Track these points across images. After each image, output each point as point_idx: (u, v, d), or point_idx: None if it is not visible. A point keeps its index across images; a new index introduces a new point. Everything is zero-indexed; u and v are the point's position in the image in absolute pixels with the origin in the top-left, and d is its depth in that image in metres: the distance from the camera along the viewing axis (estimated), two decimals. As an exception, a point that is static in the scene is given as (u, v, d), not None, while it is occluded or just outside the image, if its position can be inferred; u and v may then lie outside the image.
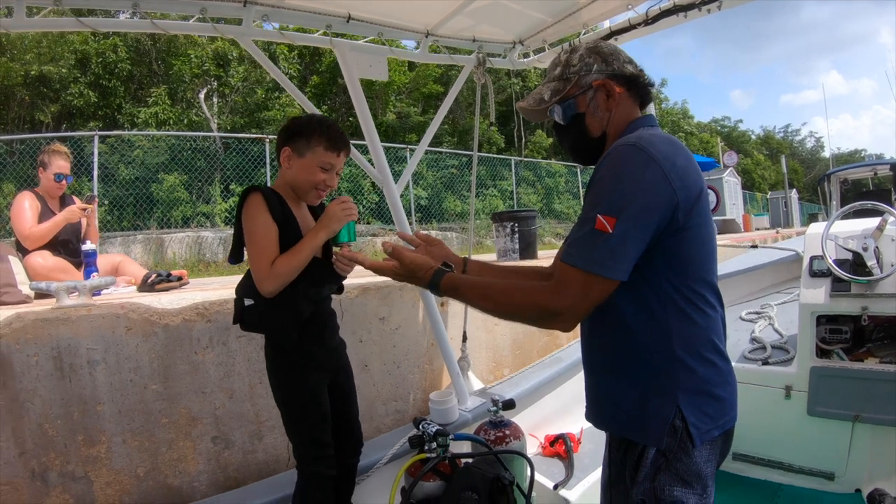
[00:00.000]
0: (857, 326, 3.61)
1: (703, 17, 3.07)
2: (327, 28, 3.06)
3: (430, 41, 3.46)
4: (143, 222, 11.10)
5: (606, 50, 1.65)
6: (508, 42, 3.77)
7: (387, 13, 3.18)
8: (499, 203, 16.71)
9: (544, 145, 22.22)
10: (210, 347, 3.01)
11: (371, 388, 3.63)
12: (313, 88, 18.42)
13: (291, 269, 2.07)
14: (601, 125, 1.65)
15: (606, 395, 1.66)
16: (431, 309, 3.53)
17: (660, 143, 1.45)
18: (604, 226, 1.38)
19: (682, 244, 1.47)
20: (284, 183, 2.23)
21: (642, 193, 1.40)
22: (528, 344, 4.76)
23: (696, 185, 1.47)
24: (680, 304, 1.50)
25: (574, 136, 1.70)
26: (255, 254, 2.08)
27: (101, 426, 2.76)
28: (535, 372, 4.08)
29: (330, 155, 2.17)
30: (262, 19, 2.83)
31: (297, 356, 2.25)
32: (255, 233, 2.09)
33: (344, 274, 2.29)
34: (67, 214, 4.17)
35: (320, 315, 2.34)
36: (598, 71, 1.62)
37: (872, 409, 3.31)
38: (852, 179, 9.15)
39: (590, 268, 1.40)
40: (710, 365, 1.52)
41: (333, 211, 2.16)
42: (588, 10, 3.34)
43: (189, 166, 11.99)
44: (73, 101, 14.58)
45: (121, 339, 2.81)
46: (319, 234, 2.14)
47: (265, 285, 2.05)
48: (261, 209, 2.09)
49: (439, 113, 3.73)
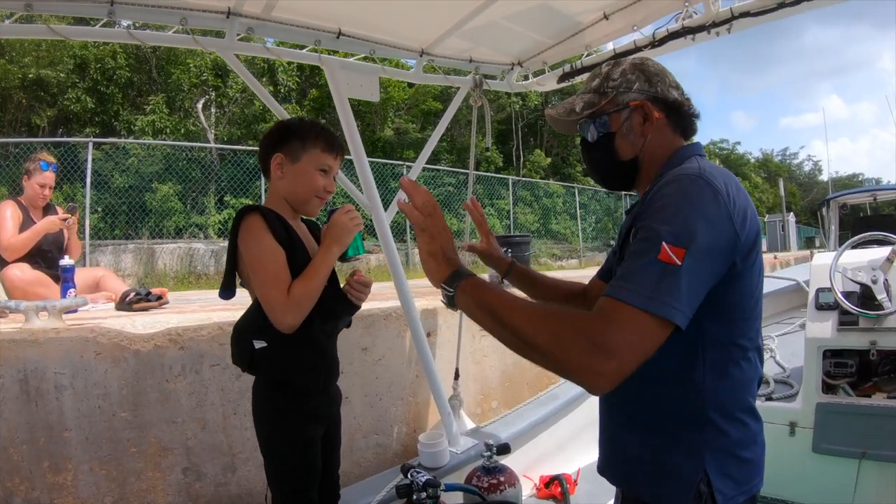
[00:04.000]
0: (862, 360, 3.49)
1: (709, 41, 2.97)
2: (316, 44, 2.90)
3: (424, 60, 3.32)
4: (134, 231, 10.96)
5: (653, 69, 1.50)
6: (507, 63, 3.65)
7: (380, 30, 3.03)
8: (496, 222, 16.59)
9: (542, 165, 22.18)
10: (182, 375, 2.89)
11: (352, 420, 3.51)
12: (312, 102, 18.37)
13: (311, 294, 1.80)
14: (633, 149, 1.48)
15: (624, 451, 1.48)
16: (419, 339, 3.33)
17: (721, 178, 1.28)
18: (670, 257, 1.15)
19: (734, 292, 1.30)
20: (279, 197, 1.96)
21: (711, 229, 1.20)
22: (518, 376, 4.65)
23: (755, 226, 1.31)
24: (721, 359, 1.33)
25: (600, 156, 1.54)
26: (265, 283, 1.79)
27: (68, 453, 2.67)
28: (530, 410, 3.91)
29: (328, 156, 1.94)
30: (246, 32, 2.67)
31: (298, 404, 1.95)
32: (261, 259, 1.80)
33: (358, 303, 2.03)
34: (47, 224, 4.07)
35: (334, 357, 2.09)
36: (639, 90, 1.47)
37: (880, 445, 3.17)
38: (851, 204, 9.07)
39: (652, 307, 1.12)
40: (741, 425, 1.36)
41: (341, 222, 1.92)
42: (591, 32, 3.22)
43: (184, 176, 11.85)
44: (69, 105, 14.48)
45: (89, 364, 2.71)
46: (332, 249, 1.89)
47: (286, 318, 1.75)
48: (263, 232, 1.80)
49: (436, 133, 3.61)
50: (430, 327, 4.11)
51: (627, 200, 21.84)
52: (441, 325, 4.20)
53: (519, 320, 1.20)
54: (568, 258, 18.21)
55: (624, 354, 1.11)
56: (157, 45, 15.49)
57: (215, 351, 2.98)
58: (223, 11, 2.53)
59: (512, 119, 21.83)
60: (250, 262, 1.81)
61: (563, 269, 16.08)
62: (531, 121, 23.68)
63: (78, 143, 10.65)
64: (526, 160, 22.54)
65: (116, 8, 2.28)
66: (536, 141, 24.25)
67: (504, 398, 4.49)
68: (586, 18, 3.16)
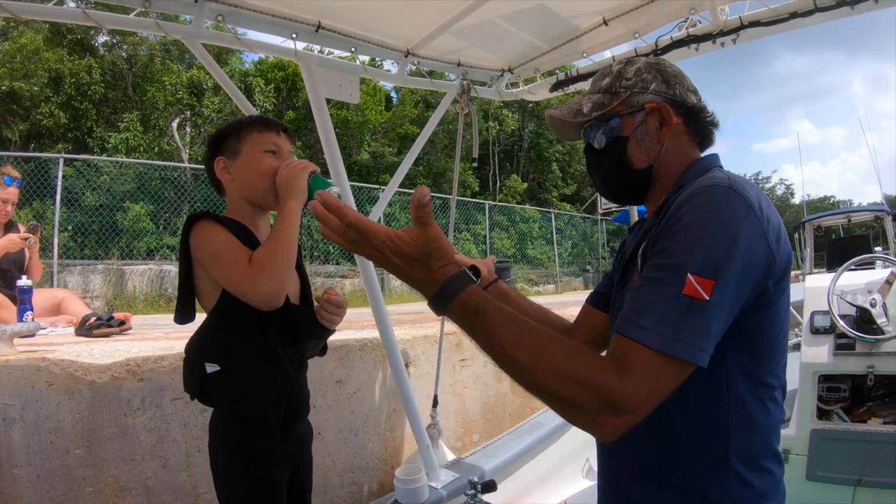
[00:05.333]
0: (855, 384, 3.46)
1: (687, 68, 2.86)
2: (293, 37, 2.65)
3: (410, 62, 3.12)
4: (104, 252, 10.69)
5: (671, 70, 1.35)
6: (497, 69, 3.47)
7: (363, 25, 2.81)
8: (472, 247, 16.60)
9: (519, 190, 22.37)
10: (141, 410, 2.69)
11: (325, 457, 3.32)
12: (288, 124, 18.19)
13: (276, 254, 1.57)
14: (647, 157, 1.32)
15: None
16: (398, 366, 3.13)
17: (753, 190, 1.13)
18: (697, 291, 1.00)
19: (763, 319, 1.14)
20: (236, 204, 1.77)
21: (744, 250, 1.05)
22: (500, 408, 4.51)
23: (788, 247, 1.16)
24: (746, 400, 1.16)
25: (610, 164, 1.36)
26: (226, 268, 1.59)
27: (18, 492, 2.45)
28: (513, 440, 3.74)
29: (269, 134, 1.75)
30: (216, 20, 2.42)
31: (258, 441, 1.69)
32: (216, 250, 1.60)
33: (331, 326, 1.83)
34: (6, 242, 3.90)
35: (302, 389, 1.84)
36: (656, 91, 1.31)
37: (876, 472, 3.13)
38: (825, 226, 9.20)
39: (674, 350, 0.99)
40: (767, 475, 1.19)
41: (283, 174, 1.67)
42: (589, 38, 3.06)
43: (157, 196, 11.63)
44: (42, 120, 14.26)
45: (41, 396, 2.50)
46: (287, 204, 1.64)
47: (256, 288, 1.54)
48: (217, 228, 1.63)
49: (414, 147, 3.43)
50: (408, 358, 3.95)
51: (604, 225, 22.00)
52: (420, 355, 4.05)
53: (521, 356, 1.01)
54: (544, 283, 18.31)
55: (639, 408, 0.98)
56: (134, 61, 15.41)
57: (177, 383, 2.77)
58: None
59: (489, 144, 21.94)
60: (207, 261, 1.62)
61: (540, 294, 16.10)
62: (507, 146, 23.90)
63: (49, 159, 10.43)
64: (502, 185, 22.72)
65: (74, -17, 2.09)
66: (513, 166, 24.49)
67: (485, 431, 4.35)
68: (584, 23, 3.00)
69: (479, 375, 4.52)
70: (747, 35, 2.72)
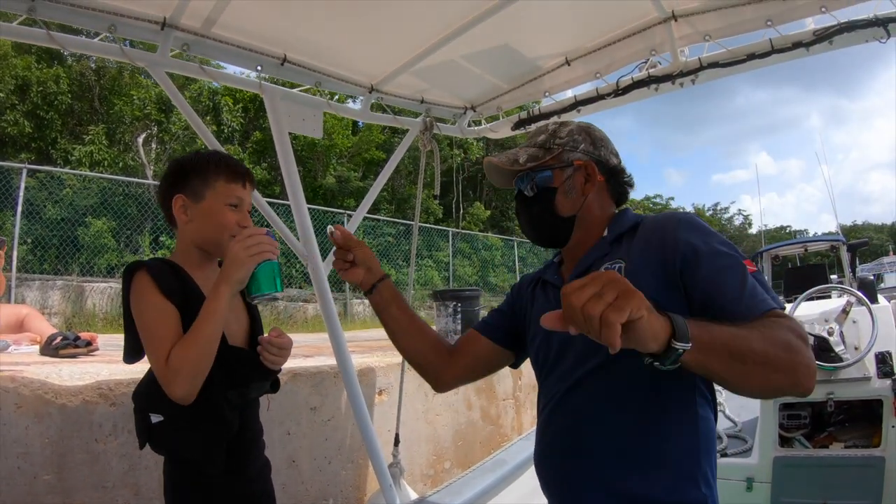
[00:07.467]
0: (814, 410, 3.55)
1: (649, 101, 2.94)
2: (258, 69, 2.66)
3: (373, 98, 3.14)
4: (64, 267, 10.41)
5: (598, 134, 1.55)
6: (459, 107, 3.53)
7: (328, 60, 2.84)
8: (434, 274, 16.59)
9: (482, 217, 22.59)
10: (113, 435, 2.62)
11: (299, 486, 3.27)
12: (254, 144, 18.23)
13: (193, 358, 1.50)
14: (573, 207, 1.49)
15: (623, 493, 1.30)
16: (355, 396, 3.00)
17: None
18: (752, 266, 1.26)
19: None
20: (186, 246, 1.75)
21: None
22: (471, 435, 4.50)
23: None
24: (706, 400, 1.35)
25: (538, 211, 1.52)
26: (149, 349, 1.57)
27: (-18, 519, 2.36)
28: (475, 478, 3.66)
29: (235, 187, 1.73)
30: (181, 48, 2.41)
31: (207, 486, 1.67)
32: (144, 321, 1.57)
33: (275, 367, 1.79)
34: (-29, 258, 3.74)
35: (248, 429, 1.81)
36: (584, 151, 1.50)
37: (839, 495, 3.20)
38: (783, 255, 9.46)
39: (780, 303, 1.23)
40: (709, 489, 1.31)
41: (233, 252, 1.55)
42: (550, 77, 3.16)
43: (119, 212, 11.37)
44: (6, 128, 13.97)
45: (9, 419, 2.42)
46: (219, 290, 1.55)
47: (170, 389, 1.49)
48: (149, 289, 1.57)
49: (380, 178, 3.47)
50: (383, 385, 3.92)
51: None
52: (393, 383, 4.00)
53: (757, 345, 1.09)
54: (506, 311, 18.24)
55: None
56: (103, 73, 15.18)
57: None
58: (158, 21, 2.29)
59: (453, 171, 22.07)
60: (137, 326, 1.59)
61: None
62: (472, 173, 24.08)
63: (11, 169, 10.15)
64: (465, 212, 22.90)
65: (38, 4, 2.02)
66: (476, 193, 24.73)
67: (457, 458, 4.35)
68: (546, 63, 3.11)
69: (451, 403, 4.50)
70: (706, 76, 2.83)
